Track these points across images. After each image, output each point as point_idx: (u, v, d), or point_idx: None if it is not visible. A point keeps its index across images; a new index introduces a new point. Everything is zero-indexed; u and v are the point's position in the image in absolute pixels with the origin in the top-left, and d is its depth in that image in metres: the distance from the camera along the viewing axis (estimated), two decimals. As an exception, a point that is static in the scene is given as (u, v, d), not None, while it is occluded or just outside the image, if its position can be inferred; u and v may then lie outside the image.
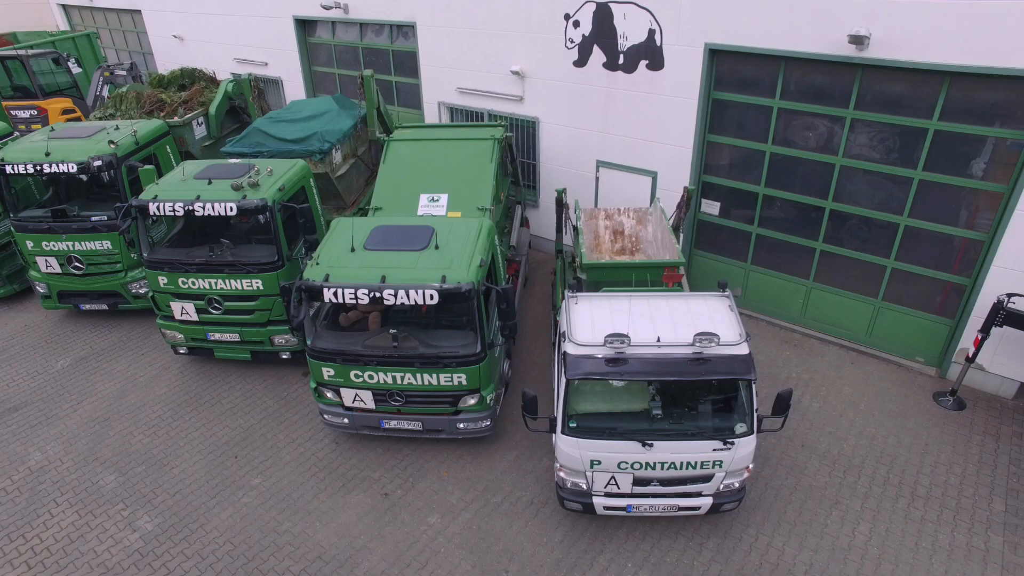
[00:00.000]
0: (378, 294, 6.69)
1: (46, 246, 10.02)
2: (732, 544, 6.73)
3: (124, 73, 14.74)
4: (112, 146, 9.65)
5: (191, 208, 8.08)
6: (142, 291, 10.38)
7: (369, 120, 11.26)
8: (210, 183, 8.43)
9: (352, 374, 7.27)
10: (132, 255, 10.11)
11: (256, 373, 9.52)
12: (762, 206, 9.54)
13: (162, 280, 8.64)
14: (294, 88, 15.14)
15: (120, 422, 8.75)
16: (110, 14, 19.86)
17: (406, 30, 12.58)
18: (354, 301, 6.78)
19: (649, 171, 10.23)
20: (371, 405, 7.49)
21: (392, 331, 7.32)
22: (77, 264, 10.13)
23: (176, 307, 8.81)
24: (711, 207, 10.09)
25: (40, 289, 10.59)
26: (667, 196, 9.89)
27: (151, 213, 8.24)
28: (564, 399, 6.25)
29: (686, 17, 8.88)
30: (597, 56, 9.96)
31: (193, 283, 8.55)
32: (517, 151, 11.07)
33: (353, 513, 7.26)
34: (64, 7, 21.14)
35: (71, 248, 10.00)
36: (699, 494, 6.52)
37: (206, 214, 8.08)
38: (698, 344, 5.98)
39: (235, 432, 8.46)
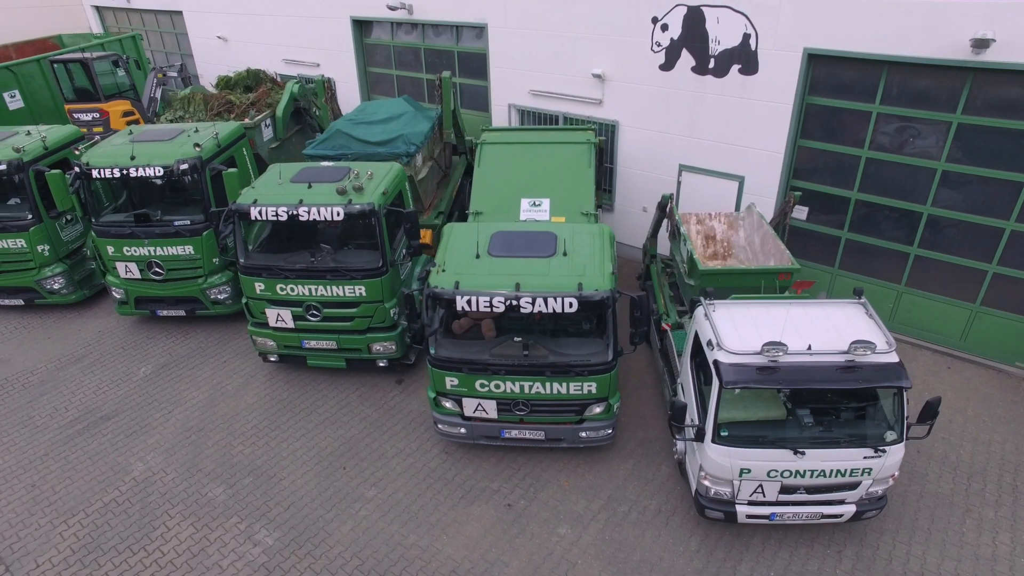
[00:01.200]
0: (514, 302, 6.57)
1: (127, 251, 9.80)
2: (871, 552, 6.69)
3: (175, 75, 14.50)
4: (197, 149, 9.45)
5: (295, 212, 7.92)
6: (221, 297, 10.19)
7: (445, 122, 11.14)
8: (310, 187, 8.27)
9: (478, 384, 7.14)
10: (215, 260, 9.93)
11: (347, 381, 9.36)
12: (853, 211, 9.54)
13: (258, 286, 8.46)
14: (348, 89, 14.95)
15: (216, 432, 8.56)
16: (147, 15, 19.57)
17: (474, 31, 12.48)
18: (488, 309, 6.66)
19: (736, 176, 10.19)
20: (493, 415, 7.37)
21: (517, 339, 7.22)
22: (157, 269, 9.92)
23: (271, 314, 8.63)
24: (799, 212, 10.05)
25: (117, 295, 10.35)
26: (753, 201, 9.84)
27: (252, 218, 8.06)
28: (715, 408, 6.20)
29: (785, 21, 8.85)
30: (685, 60, 9.92)
31: (292, 289, 8.38)
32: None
33: (479, 525, 7.14)
34: (98, 9, 20.79)
35: (152, 253, 9.78)
36: (843, 502, 6.49)
37: (311, 219, 7.92)
38: (853, 352, 5.95)
39: (338, 442, 8.31)
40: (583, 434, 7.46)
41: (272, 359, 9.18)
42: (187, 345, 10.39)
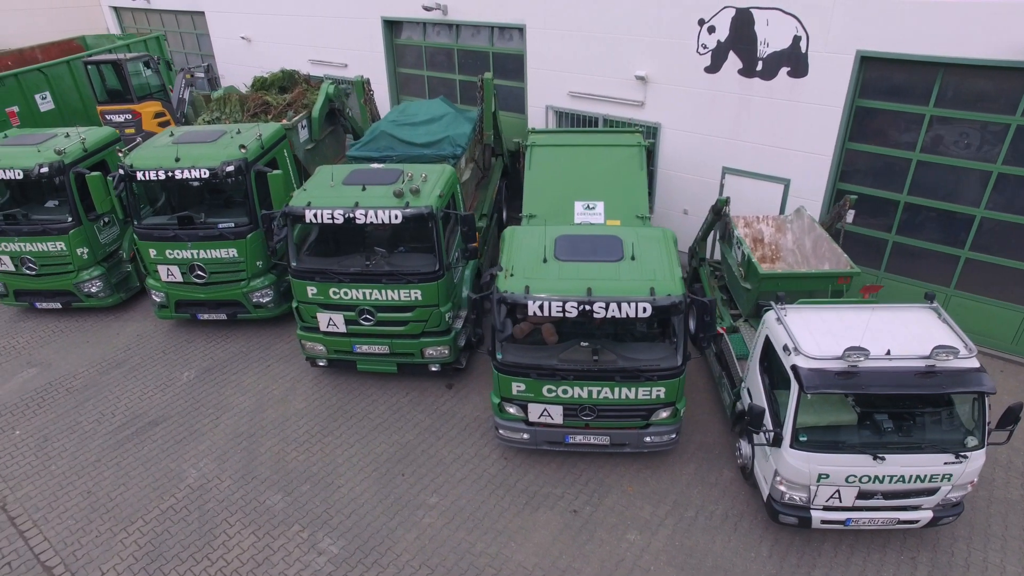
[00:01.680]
0: (587, 307, 6.50)
1: (169, 254, 9.69)
2: (946, 559, 6.64)
3: (202, 75, 14.38)
4: (242, 151, 9.35)
5: (352, 215, 7.83)
6: (264, 300, 10.08)
7: (486, 123, 11.07)
8: (364, 189, 8.17)
9: (545, 389, 7.07)
10: (258, 263, 9.83)
11: (396, 385, 9.26)
12: (902, 213, 9.50)
13: (311, 290, 8.36)
14: (377, 90, 14.73)
15: (268, 438, 8.46)
16: (167, 16, 19.42)
17: (510, 32, 12.41)
18: (561, 314, 6.59)
19: (781, 178, 10.15)
20: (559, 420, 7.29)
21: (584, 344, 7.16)
22: (200, 273, 9.80)
23: (323, 318, 8.53)
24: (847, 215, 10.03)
25: (157, 298, 10.23)
26: (799, 204, 9.79)
27: (307, 220, 7.97)
28: (794, 413, 6.14)
29: (837, 24, 8.81)
30: (732, 62, 9.87)
31: (345, 293, 8.29)
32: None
33: (546, 532, 7.06)
34: (116, 9, 20.62)
35: (195, 256, 9.67)
36: (919, 507, 6.44)
37: (368, 221, 7.84)
38: (935, 357, 5.90)
39: (393, 448, 8.21)
40: (648, 439, 7.40)
41: (321, 364, 9.08)
42: (228, 349, 10.27)
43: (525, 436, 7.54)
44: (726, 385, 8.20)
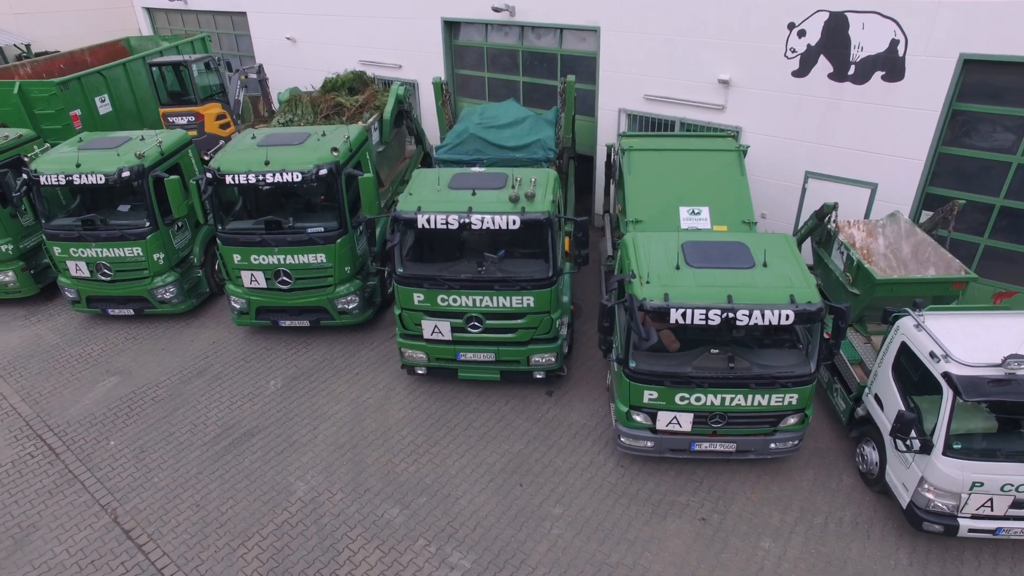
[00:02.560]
0: (731, 315, 6.43)
1: (255, 260, 9.49)
2: (1088, 565, 6.63)
3: (255, 76, 14.16)
4: (335, 153, 9.18)
5: (467, 220, 7.68)
6: (350, 307, 9.91)
7: (566, 127, 10.97)
8: (474, 194, 8.03)
9: (678, 397, 6.98)
10: (347, 269, 9.65)
11: (495, 393, 9.12)
12: (997, 217, 9.50)
13: (417, 297, 8.20)
14: (432, 91, 14.64)
15: (372, 449, 8.28)
16: (204, 16, 19.15)
17: (580, 34, 12.31)
18: (704, 322, 6.50)
19: (868, 183, 10.12)
20: (687, 428, 7.21)
21: (714, 351, 7.08)
22: (285, 278, 9.61)
23: (427, 326, 8.37)
24: (925, 217, 10.01)
25: (236, 305, 10.02)
26: (886, 208, 9.78)
27: (419, 226, 7.81)
28: (948, 421, 6.09)
29: (941, 26, 8.79)
30: (822, 66, 9.84)
31: (454, 300, 8.14)
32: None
33: (679, 541, 6.96)
34: (149, 10, 20.28)
35: (281, 262, 9.48)
36: (1070, 516, 6.42)
37: (484, 227, 7.70)
38: (1096, 364, 5.88)
39: (505, 458, 8.08)
40: (773, 445, 7.33)
41: (420, 372, 8.92)
42: (312, 357, 10.08)
43: (649, 444, 7.44)
44: (839, 390, 8.15)
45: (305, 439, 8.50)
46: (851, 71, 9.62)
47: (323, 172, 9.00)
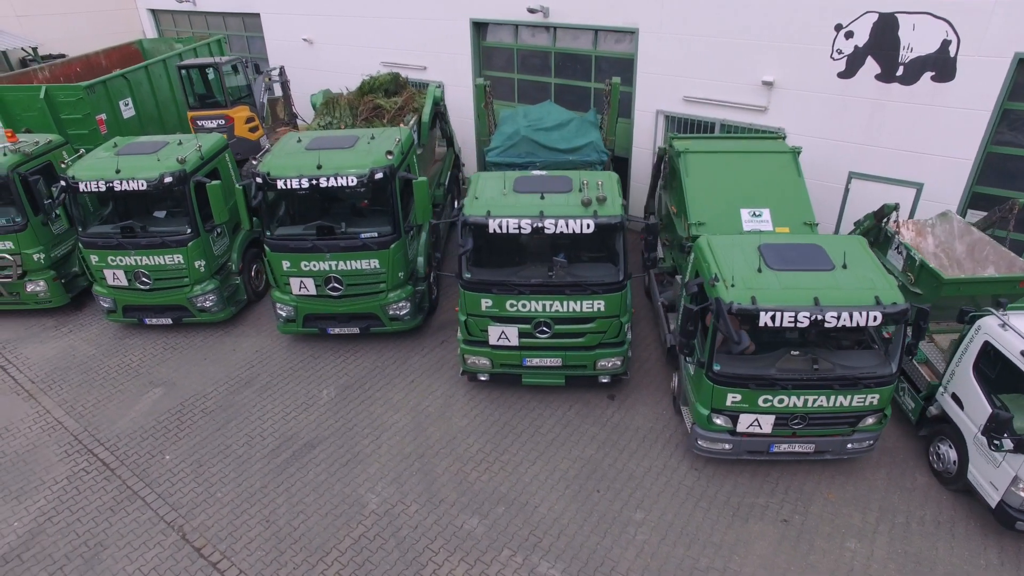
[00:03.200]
0: (819, 316, 6.42)
1: (305, 266, 9.28)
2: None
3: (278, 79, 13.90)
4: (389, 157, 9.01)
5: (540, 225, 7.57)
6: (401, 313, 9.74)
7: (610, 129, 10.92)
8: (543, 197, 7.93)
9: (761, 399, 6.96)
10: (400, 274, 9.47)
11: (556, 398, 9.02)
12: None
13: (485, 303, 8.08)
14: (459, 93, 14.51)
15: (439, 458, 8.14)
16: (213, 18, 18.74)
17: (616, 36, 12.27)
18: (793, 324, 6.49)
19: (914, 183, 10.23)
20: (768, 430, 7.19)
21: (794, 353, 7.07)
22: (336, 285, 9.41)
23: (494, 332, 8.25)
24: (972, 216, 10.15)
25: (283, 312, 9.79)
26: (932, 208, 9.89)
27: (491, 231, 7.69)
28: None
29: (996, 26, 8.86)
30: (869, 67, 9.91)
31: (523, 306, 8.03)
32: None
33: (764, 543, 6.94)
34: (154, 12, 19.79)
35: (333, 268, 9.27)
36: None
37: (558, 231, 7.61)
38: None
39: (578, 463, 7.98)
40: (850, 445, 7.35)
41: (482, 378, 8.79)
42: (362, 365, 9.89)
43: (727, 447, 7.40)
44: (907, 389, 8.20)
45: (368, 450, 8.32)
46: (899, 72, 9.71)
47: (379, 176, 8.82)
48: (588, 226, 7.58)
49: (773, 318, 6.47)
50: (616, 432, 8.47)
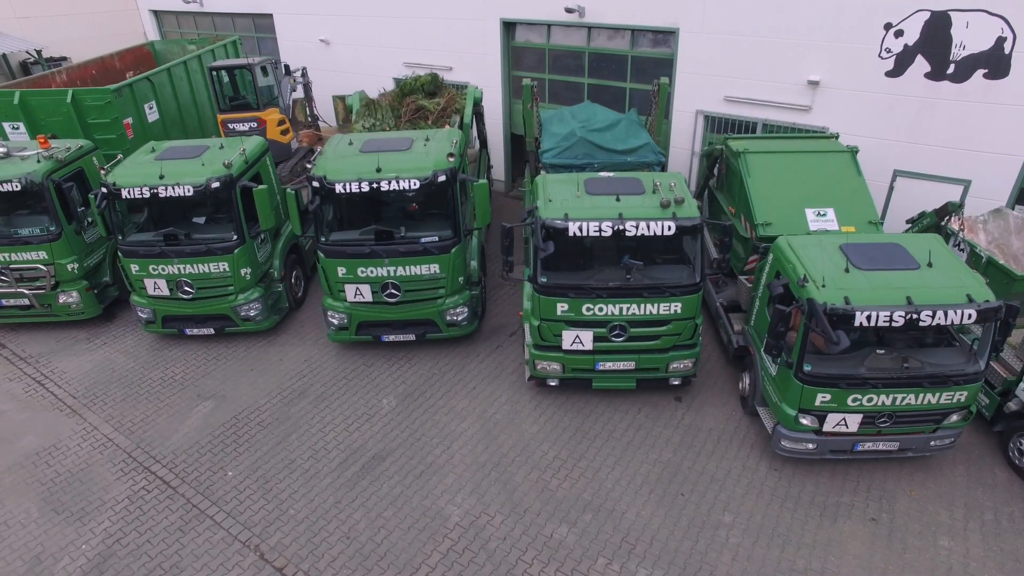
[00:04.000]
0: (915, 316, 6.44)
1: (362, 272, 9.02)
2: None
3: (302, 80, 13.56)
4: (451, 159, 8.81)
5: (622, 227, 7.46)
6: (458, 318, 9.53)
7: (657, 129, 10.85)
8: (619, 199, 7.81)
9: (850, 399, 6.95)
10: (460, 280, 9.27)
11: (625, 401, 8.89)
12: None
13: (561, 307, 7.93)
14: (488, 94, 14.29)
15: (516, 467, 7.96)
16: (220, 19, 18.22)
17: (652, 35, 12.22)
18: (888, 324, 6.48)
19: (961, 180, 10.36)
20: (854, 429, 7.19)
21: (880, 351, 7.07)
22: (393, 291, 9.18)
23: (568, 336, 8.11)
24: (1020, 210, 10.33)
25: (335, 320, 9.51)
26: (979, 204, 10.01)
27: (571, 234, 7.54)
28: None
29: (1049, 24, 9.04)
30: (919, 66, 10.01)
31: (600, 309, 7.91)
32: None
33: (857, 543, 6.92)
34: (156, 13, 19.17)
35: (391, 273, 9.03)
36: None
37: (639, 234, 7.50)
38: None
39: (657, 467, 7.88)
40: (933, 443, 7.39)
41: (552, 383, 8.64)
42: (418, 373, 9.66)
43: (811, 446, 7.38)
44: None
45: (441, 460, 8.12)
46: (950, 70, 9.82)
47: (441, 179, 8.62)
48: (669, 228, 7.49)
49: (868, 318, 6.46)
50: (689, 434, 8.40)
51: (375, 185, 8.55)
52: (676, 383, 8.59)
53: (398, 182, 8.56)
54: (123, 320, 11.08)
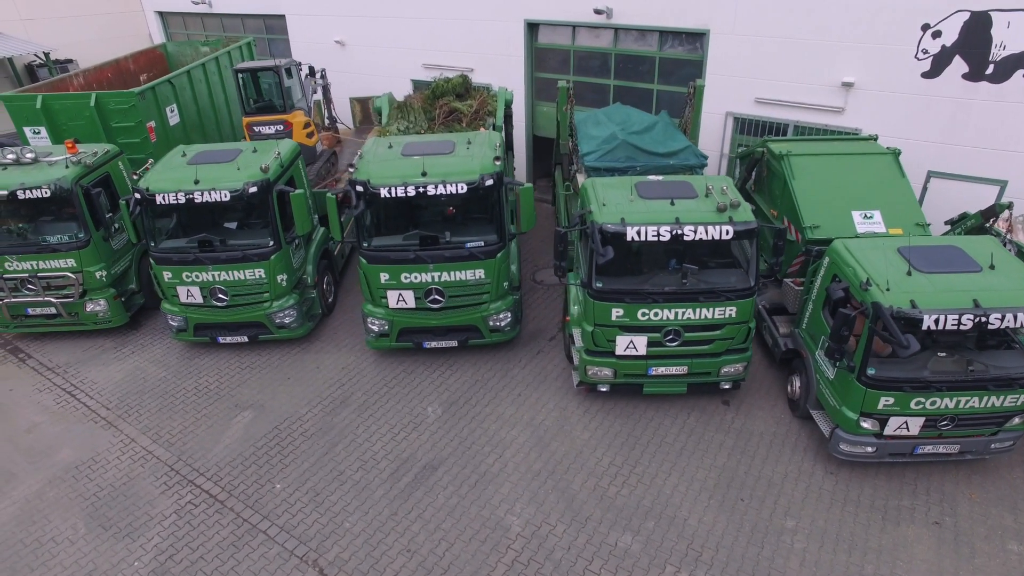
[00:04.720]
0: (983, 318, 6.42)
1: (405, 278, 8.86)
2: None
3: (321, 82, 13.36)
4: (497, 163, 8.67)
5: (680, 232, 7.38)
6: (502, 324, 9.39)
7: (692, 132, 10.80)
8: (673, 203, 7.73)
9: (913, 402, 6.93)
10: (504, 284, 9.13)
11: (673, 406, 8.81)
12: None
13: (616, 312, 7.84)
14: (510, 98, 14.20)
15: (572, 474, 7.85)
16: (229, 20, 17.89)
17: (682, 37, 12.17)
18: (956, 327, 6.46)
19: (997, 180, 10.42)
20: (915, 432, 7.17)
21: (941, 354, 7.05)
22: (437, 296, 9.03)
23: (622, 341, 8.02)
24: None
25: (375, 327, 9.33)
26: (1017, 205, 10.06)
27: (628, 239, 7.45)
28: None
29: (1087, 26, 9.11)
30: (956, 66, 10.05)
31: (655, 314, 7.82)
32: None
33: (924, 547, 6.90)
34: (162, 14, 18.78)
35: (436, 279, 8.88)
36: None
37: (697, 238, 7.43)
38: None
39: (714, 472, 7.81)
40: (994, 445, 7.38)
41: (602, 389, 8.54)
42: (461, 379, 9.51)
43: (870, 450, 7.35)
44: None
45: (495, 469, 7.98)
46: (989, 70, 9.86)
47: (489, 182, 8.48)
48: (728, 232, 7.43)
49: (936, 321, 6.44)
50: (742, 438, 8.34)
51: (422, 189, 8.39)
52: (726, 387, 8.54)
53: (445, 186, 8.40)
54: (149, 328, 10.83)
